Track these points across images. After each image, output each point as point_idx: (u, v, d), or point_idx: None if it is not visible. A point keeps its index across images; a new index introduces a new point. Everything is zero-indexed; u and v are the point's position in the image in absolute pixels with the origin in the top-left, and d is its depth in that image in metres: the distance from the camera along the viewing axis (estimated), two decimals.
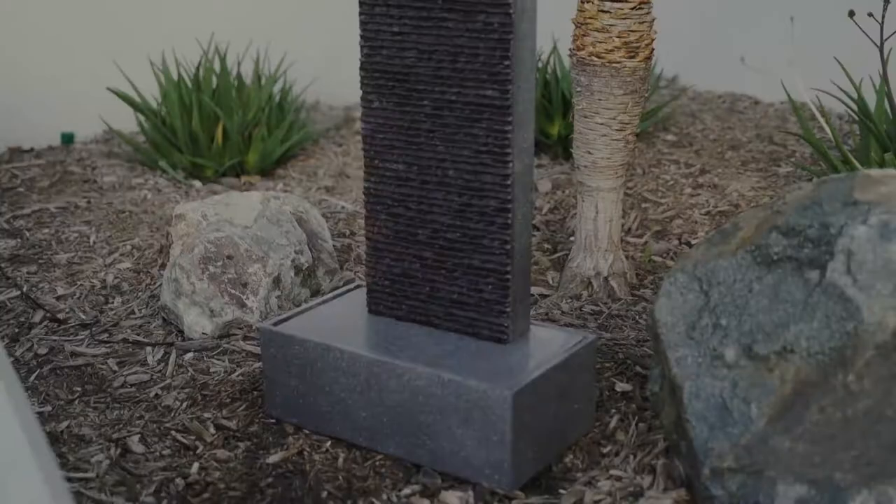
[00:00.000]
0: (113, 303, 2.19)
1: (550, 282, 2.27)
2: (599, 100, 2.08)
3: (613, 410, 1.73)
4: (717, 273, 1.48)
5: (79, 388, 1.85)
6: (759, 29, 3.85)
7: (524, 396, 1.50)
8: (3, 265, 2.36)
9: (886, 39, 2.18)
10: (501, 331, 1.63)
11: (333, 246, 2.36)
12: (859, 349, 1.33)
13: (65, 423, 1.72)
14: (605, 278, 2.18)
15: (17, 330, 2.07)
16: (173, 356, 1.95)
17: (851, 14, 2.19)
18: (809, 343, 1.37)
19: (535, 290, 2.21)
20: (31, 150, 3.27)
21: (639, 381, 1.82)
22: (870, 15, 2.20)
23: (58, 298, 2.20)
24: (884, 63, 2.23)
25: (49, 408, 1.78)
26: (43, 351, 1.98)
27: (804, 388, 1.36)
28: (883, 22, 2.15)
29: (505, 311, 1.62)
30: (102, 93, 3.25)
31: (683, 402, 1.43)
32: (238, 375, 1.87)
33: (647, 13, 2.05)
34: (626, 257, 2.33)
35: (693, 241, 2.45)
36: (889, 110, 2.58)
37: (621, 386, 1.80)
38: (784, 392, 1.37)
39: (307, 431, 1.68)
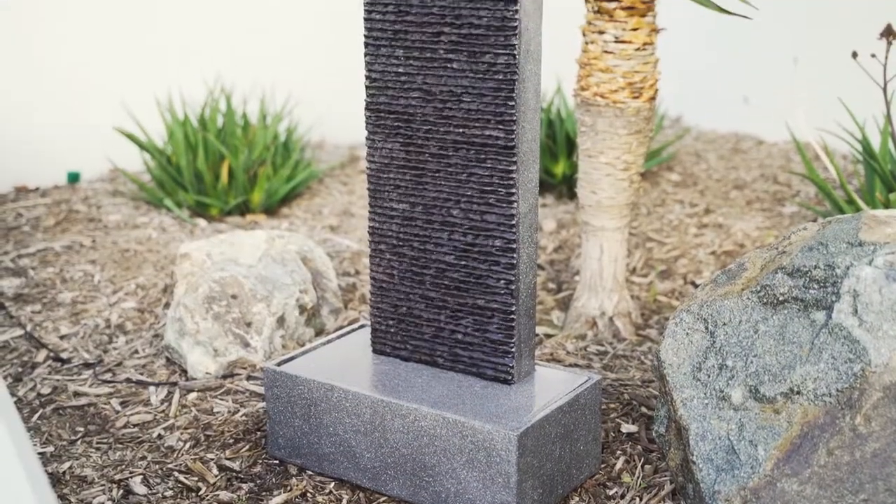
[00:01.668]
0: (116, 342, 2.19)
1: (555, 321, 2.26)
2: (604, 140, 2.08)
3: (619, 452, 1.72)
4: (722, 314, 1.47)
5: (81, 429, 1.84)
6: (763, 69, 3.86)
7: (529, 438, 1.48)
8: (7, 304, 2.36)
9: (890, 80, 2.19)
10: (506, 371, 1.63)
11: (338, 285, 2.36)
12: (867, 391, 1.32)
13: (67, 464, 1.71)
14: (610, 318, 2.17)
15: (20, 369, 2.06)
16: (176, 396, 1.94)
17: (854, 55, 2.19)
18: (816, 385, 1.36)
19: (539, 329, 2.20)
20: (37, 189, 3.28)
21: (644, 422, 1.81)
22: (873, 56, 2.21)
23: (61, 338, 2.20)
24: (888, 104, 2.24)
25: (51, 448, 1.77)
26: (46, 391, 1.97)
27: (812, 430, 1.35)
28: (886, 63, 2.16)
29: (510, 351, 1.62)
30: (108, 132, 3.27)
31: (690, 444, 1.42)
32: (241, 416, 1.86)
33: (651, 54, 2.06)
34: (631, 297, 2.32)
35: (698, 281, 2.44)
36: (893, 150, 2.59)
37: (627, 427, 1.79)
38: (791, 434, 1.36)
39: (311, 472, 1.67)
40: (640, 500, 1.58)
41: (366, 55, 1.64)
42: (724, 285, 1.52)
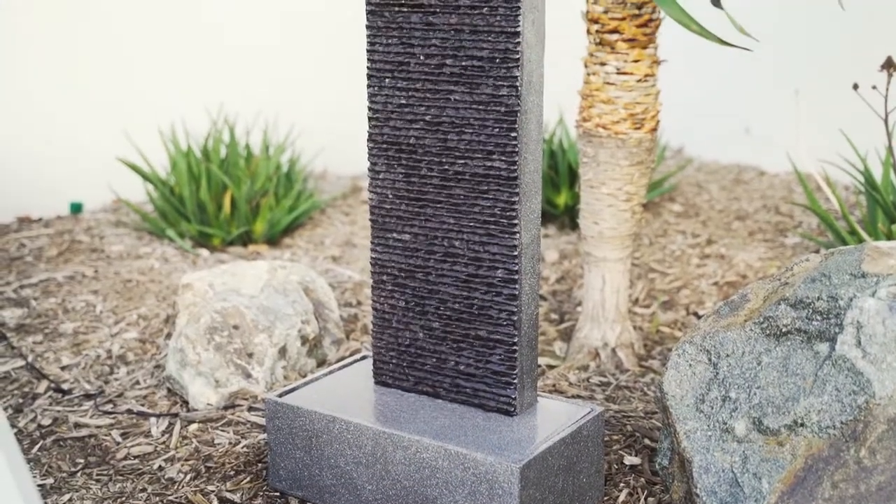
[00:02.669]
0: (118, 373, 2.18)
1: (558, 352, 2.26)
2: (606, 170, 2.08)
3: (622, 484, 1.71)
4: (725, 345, 1.47)
5: (81, 460, 1.83)
6: (764, 100, 3.88)
7: (531, 470, 1.48)
8: (8, 335, 2.35)
9: (891, 112, 2.20)
10: (508, 403, 1.62)
11: (340, 316, 2.36)
12: (871, 423, 1.31)
13: (67, 496, 1.70)
14: (613, 349, 2.16)
15: (21, 400, 2.05)
16: (177, 427, 1.93)
17: (856, 87, 2.20)
18: (820, 417, 1.35)
19: (542, 360, 2.19)
20: (40, 219, 3.29)
21: (647, 454, 1.80)
22: (873, 87, 2.21)
23: (63, 368, 2.19)
24: (889, 135, 2.24)
25: (51, 480, 1.76)
26: (46, 422, 1.96)
27: (816, 463, 1.34)
28: (887, 94, 2.17)
29: (512, 382, 1.61)
30: (111, 163, 3.28)
31: (693, 477, 1.41)
32: (243, 447, 1.85)
33: (653, 85, 2.07)
34: (634, 328, 2.32)
35: (700, 312, 2.44)
36: (895, 181, 2.59)
37: (630, 459, 1.78)
38: (796, 467, 1.35)
39: None
40: None
41: (368, 87, 1.65)
42: (727, 316, 1.51)
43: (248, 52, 3.69)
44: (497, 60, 1.53)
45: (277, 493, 1.70)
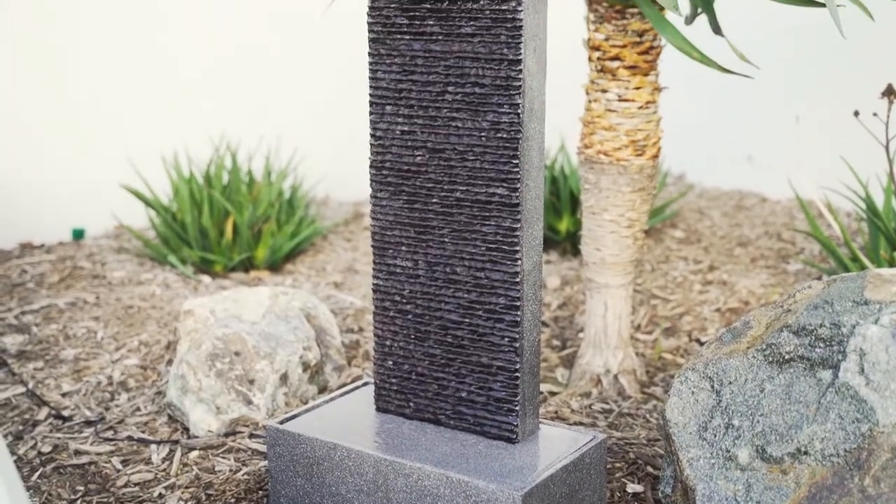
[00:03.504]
0: (118, 399, 2.18)
1: (560, 379, 2.25)
2: (607, 197, 2.09)
3: None
4: (728, 372, 1.46)
5: (81, 488, 1.82)
6: (765, 127, 3.89)
7: (534, 498, 1.47)
8: (9, 361, 2.35)
9: (892, 139, 2.20)
10: (510, 430, 1.61)
11: (341, 342, 2.35)
12: (875, 452, 1.31)
13: None
14: (615, 376, 2.16)
15: (21, 427, 2.05)
16: (178, 454, 1.92)
17: (856, 114, 2.21)
18: (824, 445, 1.35)
19: (544, 387, 2.19)
20: (42, 245, 3.29)
21: (650, 481, 1.79)
22: (874, 115, 2.22)
23: (63, 395, 2.19)
24: (890, 162, 2.25)
25: None
26: (46, 449, 1.96)
27: (820, 491, 1.34)
28: (888, 122, 2.17)
29: (514, 409, 1.60)
30: (114, 189, 3.28)
31: None
32: (243, 474, 1.84)
33: (654, 112, 2.07)
34: (636, 354, 2.31)
35: (703, 339, 2.43)
36: None
37: (632, 487, 1.77)
38: (799, 495, 1.35)
39: None
40: None
41: (371, 113, 1.66)
42: (730, 343, 1.51)
43: (250, 80, 3.71)
44: (499, 88, 1.53)
45: None
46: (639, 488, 1.76)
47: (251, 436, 1.99)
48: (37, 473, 1.87)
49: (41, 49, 3.30)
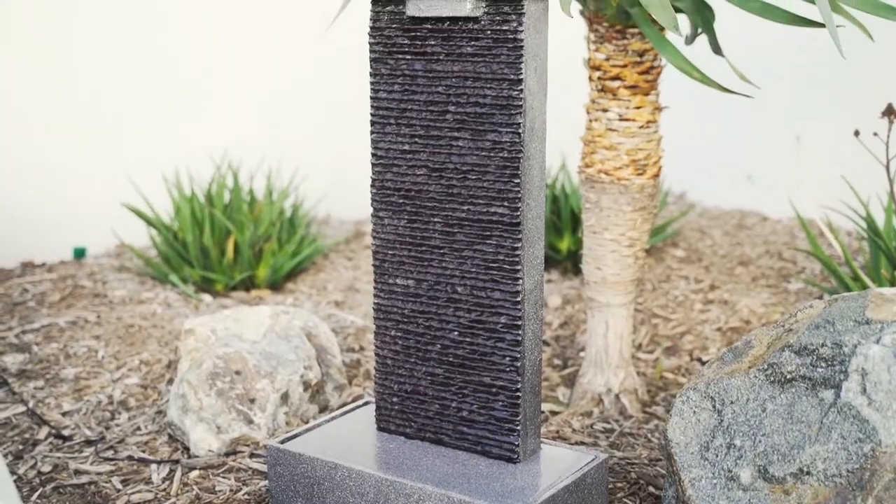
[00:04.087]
0: (119, 419, 2.17)
1: (561, 398, 2.25)
2: (608, 216, 2.09)
3: None
4: (729, 392, 1.46)
5: None
6: (766, 146, 3.90)
7: None
8: (10, 380, 2.35)
9: (892, 158, 2.21)
10: (512, 450, 1.61)
11: (342, 361, 2.35)
12: (878, 472, 1.30)
13: None
14: (617, 395, 2.15)
15: (21, 447, 2.04)
16: (178, 474, 1.92)
17: (857, 133, 2.21)
18: (826, 465, 1.34)
19: (545, 406, 2.18)
20: (43, 264, 3.29)
21: (652, 501, 1.78)
22: (875, 134, 2.23)
23: (63, 414, 2.18)
24: (891, 181, 2.25)
25: None
26: (46, 468, 1.95)
27: None
28: (888, 141, 2.18)
29: (515, 429, 1.60)
30: (115, 208, 3.29)
31: None
32: (244, 494, 1.84)
33: (655, 131, 2.08)
34: (637, 373, 2.31)
35: (704, 358, 2.43)
36: None
37: None
38: None
39: None
40: None
41: (371, 133, 1.66)
42: (731, 363, 1.51)
43: (252, 99, 3.72)
44: (500, 107, 1.54)
45: None
46: None
47: (252, 455, 1.99)
48: (37, 493, 1.86)
49: (40, 64, 3.31)
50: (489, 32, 1.53)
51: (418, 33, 1.59)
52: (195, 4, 3.57)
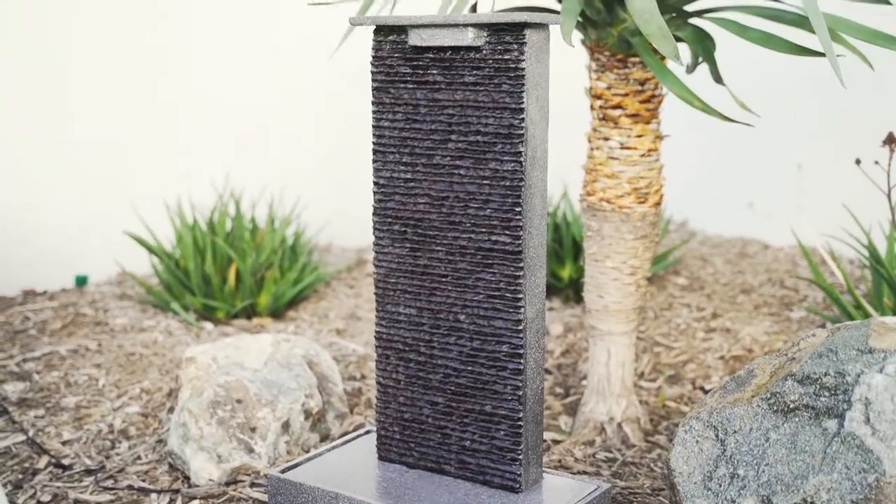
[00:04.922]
0: (119, 448, 2.16)
1: (563, 427, 2.24)
2: (610, 244, 2.09)
3: None
4: (732, 421, 1.45)
5: None
6: (767, 175, 3.90)
7: None
8: (10, 409, 2.34)
9: (894, 187, 2.21)
10: (513, 479, 1.60)
11: (344, 389, 2.34)
12: (882, 502, 1.29)
13: None
14: (619, 424, 2.14)
15: (20, 476, 2.03)
16: None
17: (858, 162, 2.22)
18: (830, 495, 1.33)
19: (547, 435, 2.17)
20: (45, 292, 3.29)
21: None
22: (876, 163, 2.23)
23: (64, 443, 2.18)
24: (892, 209, 2.25)
25: None
26: (46, 498, 1.94)
27: None
28: (889, 170, 2.18)
29: (517, 458, 1.59)
30: (117, 235, 3.29)
31: None
32: None
33: (656, 160, 2.08)
34: (640, 402, 2.30)
35: (707, 386, 2.42)
36: None
37: None
38: None
39: None
40: None
41: (374, 161, 1.66)
42: (734, 392, 1.50)
43: (254, 127, 3.73)
44: (501, 136, 1.54)
45: None
46: None
47: (252, 485, 1.98)
48: None
49: (41, 93, 3.33)
50: (491, 62, 1.54)
51: (420, 62, 1.60)
52: (200, 33, 3.59)
